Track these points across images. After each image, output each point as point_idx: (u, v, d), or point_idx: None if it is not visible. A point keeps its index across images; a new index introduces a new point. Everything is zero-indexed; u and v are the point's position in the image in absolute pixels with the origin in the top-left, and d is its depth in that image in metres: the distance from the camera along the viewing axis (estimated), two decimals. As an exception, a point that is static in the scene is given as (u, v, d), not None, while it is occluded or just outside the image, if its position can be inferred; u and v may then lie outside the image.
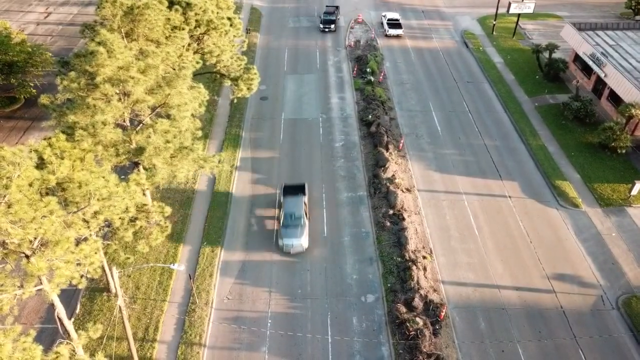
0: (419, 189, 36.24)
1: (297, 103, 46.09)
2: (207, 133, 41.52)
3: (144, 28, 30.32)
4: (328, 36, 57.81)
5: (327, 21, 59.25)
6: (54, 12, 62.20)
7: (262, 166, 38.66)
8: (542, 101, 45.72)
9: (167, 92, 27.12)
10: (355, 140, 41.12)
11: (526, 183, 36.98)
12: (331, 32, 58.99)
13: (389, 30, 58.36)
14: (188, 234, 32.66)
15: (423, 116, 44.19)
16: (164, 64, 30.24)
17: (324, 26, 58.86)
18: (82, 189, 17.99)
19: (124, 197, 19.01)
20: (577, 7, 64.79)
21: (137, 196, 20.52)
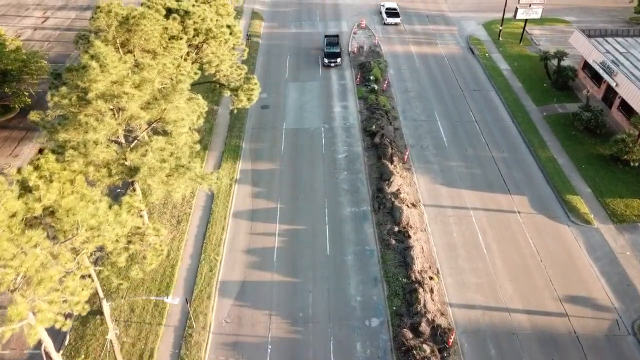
0: (424, 204, 35.03)
1: (299, 112, 44.91)
2: (206, 144, 40.36)
3: (140, 39, 29.18)
4: (330, 42, 56.64)
5: (331, 54, 51.96)
6: (52, 17, 61.12)
7: (262, 179, 37.48)
8: (550, 110, 44.46)
9: (163, 106, 25.96)
10: (358, 152, 39.92)
11: (535, 197, 35.74)
12: (337, 66, 51.79)
13: (387, 19, 61.40)
14: (185, 251, 31.50)
15: (428, 126, 42.97)
16: (160, 76, 29.15)
17: (329, 60, 51.53)
18: (69, 217, 16.87)
19: (114, 227, 17.85)
20: (585, 12, 63.46)
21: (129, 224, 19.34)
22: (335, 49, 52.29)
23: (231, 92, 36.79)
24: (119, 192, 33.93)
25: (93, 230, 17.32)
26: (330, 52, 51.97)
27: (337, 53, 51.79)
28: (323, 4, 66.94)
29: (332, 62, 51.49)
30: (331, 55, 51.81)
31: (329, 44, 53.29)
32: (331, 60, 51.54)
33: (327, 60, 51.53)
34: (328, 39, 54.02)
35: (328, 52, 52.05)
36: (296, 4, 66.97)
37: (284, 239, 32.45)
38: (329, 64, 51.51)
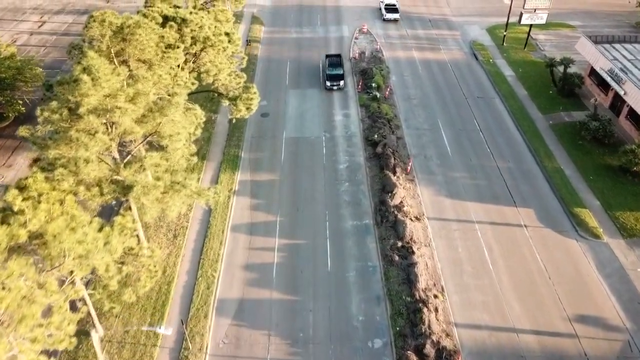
0: (428, 217, 34.03)
1: (299, 120, 43.94)
2: (204, 154, 39.40)
3: (135, 49, 28.23)
4: (331, 49, 55.44)
5: (334, 77, 47.72)
6: (49, 21, 60.20)
7: (262, 190, 36.51)
8: (556, 119, 43.46)
9: (158, 120, 25.04)
10: (360, 162, 38.94)
11: (542, 210, 34.73)
12: (340, 89, 47.80)
13: (386, 15, 62.11)
14: (182, 267, 30.54)
15: (431, 135, 41.97)
16: (156, 88, 28.22)
17: (331, 83, 47.35)
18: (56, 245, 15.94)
19: (103, 256, 16.90)
20: (590, 16, 62.42)
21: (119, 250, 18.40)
22: (337, 71, 48.39)
23: (230, 102, 35.83)
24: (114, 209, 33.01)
25: (81, 258, 16.37)
26: (332, 75, 48.17)
27: (339, 75, 48.03)
28: (324, 8, 65.90)
29: (335, 85, 47.54)
30: (333, 77, 47.91)
31: (330, 65, 49.19)
32: (333, 84, 47.53)
33: (330, 83, 47.56)
34: (330, 59, 50.00)
35: (330, 74, 48.27)
36: (297, 8, 65.95)
37: (284, 254, 31.49)
38: (331, 87, 47.61)
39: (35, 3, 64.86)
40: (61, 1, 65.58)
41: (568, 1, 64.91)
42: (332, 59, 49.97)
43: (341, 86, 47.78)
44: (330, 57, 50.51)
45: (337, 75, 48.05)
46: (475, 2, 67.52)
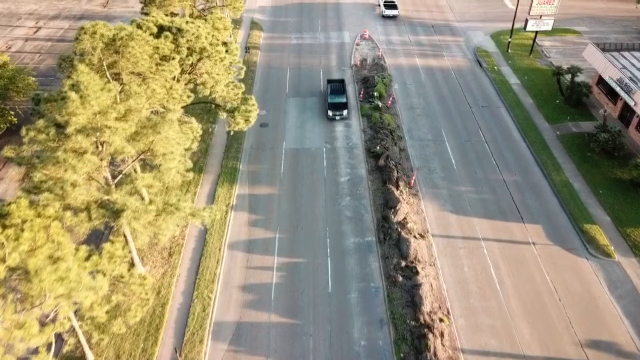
0: (433, 234, 32.84)
1: (300, 130, 42.76)
2: (201, 166, 38.24)
3: (128, 62, 27.07)
4: (332, 55, 54.34)
5: (337, 105, 43.40)
6: (44, 27, 59.08)
7: (260, 204, 35.34)
8: (564, 129, 42.25)
9: (151, 138, 23.92)
10: (362, 175, 37.76)
11: (551, 226, 33.54)
12: (343, 119, 43.74)
13: (385, 11, 63.12)
14: (177, 288, 29.37)
15: (435, 146, 40.78)
16: (149, 103, 27.09)
17: (334, 113, 43.12)
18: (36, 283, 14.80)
19: (86, 295, 15.75)
20: (597, 22, 61.19)
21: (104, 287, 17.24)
22: (341, 98, 44.03)
23: (227, 114, 34.67)
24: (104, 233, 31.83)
25: (63, 297, 15.23)
26: (335, 103, 43.69)
27: (343, 104, 43.56)
28: (325, 13, 64.74)
29: (338, 114, 43.28)
30: (336, 106, 43.49)
31: (333, 92, 44.72)
32: (336, 113, 43.25)
33: (332, 112, 43.30)
34: (332, 85, 45.48)
35: (332, 102, 43.75)
36: (297, 13, 64.78)
37: (283, 273, 30.31)
38: (334, 116, 43.38)
39: (30, 8, 63.78)
40: (57, 6, 64.48)
41: (573, 6, 63.69)
42: (335, 85, 45.67)
43: (345, 116, 43.59)
44: (333, 82, 46.31)
45: (340, 104, 43.79)
46: (478, 7, 66.35)
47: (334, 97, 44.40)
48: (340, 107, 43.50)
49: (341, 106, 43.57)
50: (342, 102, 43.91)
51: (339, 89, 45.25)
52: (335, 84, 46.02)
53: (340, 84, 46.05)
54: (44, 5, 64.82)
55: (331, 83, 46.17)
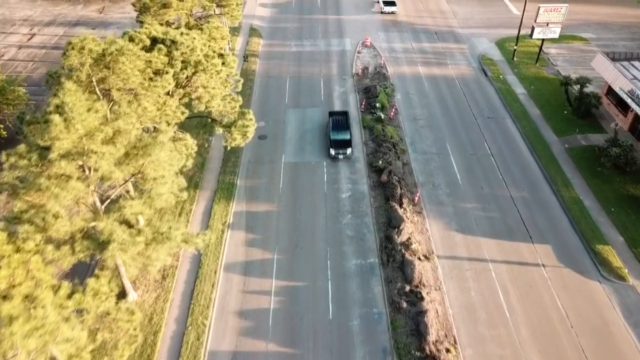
0: (438, 255, 31.45)
1: (300, 143, 41.39)
2: (197, 182, 36.89)
3: (118, 78, 25.74)
4: (333, 64, 52.96)
5: (340, 143, 39.07)
6: (38, 34, 57.78)
7: (258, 222, 33.97)
8: (573, 142, 40.84)
9: (141, 161, 22.57)
10: (364, 191, 36.38)
11: (561, 247, 32.14)
12: (347, 158, 39.13)
13: (384, 8, 64.38)
14: (170, 314, 27.97)
15: (440, 160, 39.38)
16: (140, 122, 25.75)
17: (336, 151, 38.72)
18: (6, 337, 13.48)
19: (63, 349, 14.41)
20: (604, 28, 59.78)
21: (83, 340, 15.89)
22: (344, 135, 39.69)
23: (224, 129, 33.32)
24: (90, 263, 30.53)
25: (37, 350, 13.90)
26: (338, 140, 39.28)
27: (347, 141, 39.29)
28: (325, 19, 63.38)
29: (341, 153, 38.77)
30: (339, 144, 39.06)
31: (335, 127, 40.28)
32: (339, 152, 38.72)
33: (334, 151, 38.76)
34: (334, 119, 41.17)
35: (335, 139, 39.39)
36: (297, 19, 63.44)
37: (281, 298, 28.93)
38: (337, 155, 38.84)
39: (25, 14, 62.50)
40: (52, 12, 63.20)
41: (579, 11, 62.22)
42: (337, 119, 41.28)
43: (349, 154, 39.05)
44: (335, 115, 41.90)
45: (343, 142, 39.27)
46: (482, 13, 64.95)
47: (336, 133, 39.92)
48: (343, 145, 39.21)
49: (345, 144, 39.33)
50: (345, 140, 39.55)
51: (342, 124, 40.83)
52: (338, 117, 41.73)
53: (343, 117, 41.72)
54: (39, 11, 63.54)
55: (333, 116, 41.93)
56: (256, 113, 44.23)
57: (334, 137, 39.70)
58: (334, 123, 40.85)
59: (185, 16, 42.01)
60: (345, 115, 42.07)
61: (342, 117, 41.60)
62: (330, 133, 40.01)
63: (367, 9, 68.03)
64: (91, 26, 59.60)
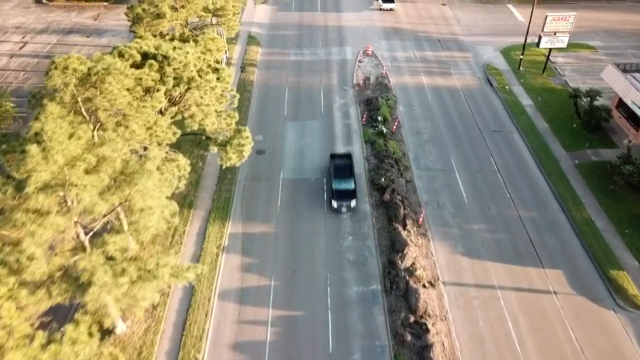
0: (444, 282, 29.87)
1: (298, 158, 39.83)
2: (191, 200, 35.33)
3: (104, 99, 24.21)
4: (334, 74, 51.30)
5: (343, 193, 34.27)
6: (31, 42, 56.26)
7: (254, 245, 32.41)
8: (582, 158, 39.24)
9: (127, 191, 21.06)
10: (365, 210, 34.80)
11: (573, 272, 30.55)
12: (350, 210, 34.38)
13: (382, 5, 65.94)
14: (161, 347, 26.36)
15: (445, 177, 37.79)
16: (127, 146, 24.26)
17: (339, 203, 33.93)
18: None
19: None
20: (611, 36, 58.17)
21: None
22: (348, 184, 34.67)
23: (218, 148, 31.78)
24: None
25: None
26: (340, 191, 34.45)
27: (351, 192, 34.42)
28: (325, 26, 61.74)
29: (344, 205, 33.98)
30: (343, 194, 34.26)
31: (338, 173, 35.39)
32: (342, 203, 33.95)
33: (337, 202, 33.95)
34: (336, 164, 36.22)
35: (338, 189, 34.50)
36: (296, 26, 61.84)
37: (278, 329, 27.36)
38: (339, 208, 34.07)
39: (18, 21, 60.97)
40: (46, 19, 61.67)
41: (586, 18, 60.54)
42: (339, 163, 36.42)
43: (352, 206, 34.25)
44: (337, 158, 37.09)
45: (347, 192, 34.45)
46: (487, 20, 63.33)
47: (339, 181, 34.95)
48: (347, 196, 34.20)
49: (348, 194, 34.31)
50: (349, 190, 34.56)
51: (346, 170, 35.81)
52: (341, 161, 36.75)
53: (346, 161, 36.78)
54: (32, 18, 62.04)
55: (335, 159, 37.02)
56: (254, 126, 43.25)
57: (336, 187, 34.68)
58: (335, 167, 36.03)
59: (180, 27, 40.50)
60: (348, 158, 37.24)
61: (345, 162, 36.74)
62: (333, 181, 35.08)
63: (366, 5, 68.88)
64: (85, 34, 58.09)
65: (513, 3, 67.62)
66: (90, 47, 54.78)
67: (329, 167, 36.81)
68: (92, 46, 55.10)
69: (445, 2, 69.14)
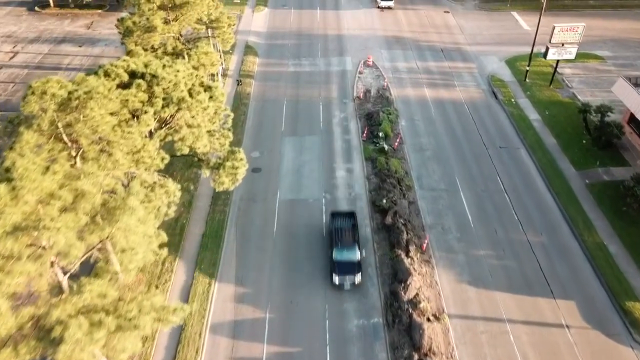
0: (449, 314, 28.14)
1: (296, 177, 38.13)
2: (183, 223, 33.62)
3: (85, 126, 22.54)
4: (333, 85, 49.58)
5: (345, 266, 29.10)
6: (22, 52, 54.65)
7: (249, 274, 30.63)
8: (593, 177, 37.53)
9: (107, 230, 19.39)
10: (366, 235, 33.09)
11: (586, 303, 28.81)
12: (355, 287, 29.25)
13: (380, 2, 67.20)
14: (147, 389, 24.87)
15: (449, 198, 36.09)
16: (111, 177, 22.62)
17: (341, 278, 28.85)
18: None
19: None
20: (620, 45, 56.45)
21: None
22: (351, 254, 29.32)
23: (210, 171, 30.10)
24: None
25: None
26: (343, 263, 29.17)
27: (355, 264, 29.17)
28: (325, 35, 60.02)
29: (347, 280, 28.92)
30: (345, 267, 29.08)
31: (339, 239, 30.07)
32: (345, 278, 28.87)
33: (339, 277, 28.87)
34: (337, 226, 30.99)
35: (340, 261, 29.22)
36: (295, 36, 60.12)
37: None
38: (341, 283, 28.92)
39: (9, 30, 59.35)
40: (38, 28, 60.05)
41: (594, 27, 58.65)
42: (342, 227, 30.77)
43: (357, 282, 29.05)
44: (339, 219, 31.70)
45: (350, 265, 29.17)
46: (491, 28, 61.63)
47: (340, 251, 29.49)
48: (350, 269, 29.03)
49: (352, 267, 29.11)
50: (353, 262, 29.16)
51: (349, 235, 30.38)
52: (343, 222, 31.38)
53: (349, 222, 31.38)
54: (24, 26, 60.42)
55: (336, 220, 31.66)
56: (250, 142, 41.64)
57: (338, 258, 29.27)
58: (337, 233, 30.50)
59: (173, 40, 38.82)
60: (352, 218, 31.82)
61: (349, 223, 31.31)
62: (334, 251, 29.63)
63: (365, 3, 70.21)
64: (78, 43, 56.45)
65: (517, 11, 65.94)
66: (83, 57, 53.19)
67: (330, 229, 31.60)
68: (85, 56, 53.49)
69: (448, 9, 67.55)
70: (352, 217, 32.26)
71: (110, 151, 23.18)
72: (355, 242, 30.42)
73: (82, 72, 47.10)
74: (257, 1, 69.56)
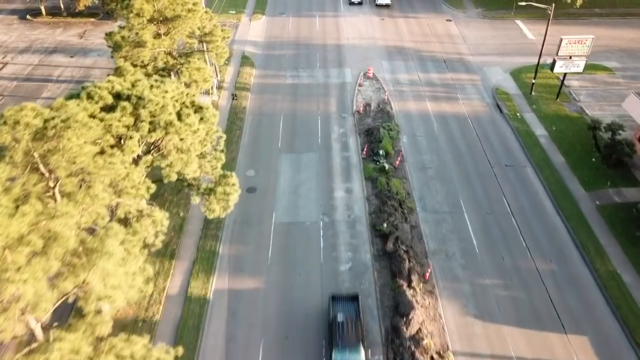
0: (454, 351, 26.42)
1: (293, 197, 36.45)
2: (173, 249, 31.97)
3: (62, 158, 20.89)
4: (332, 99, 47.87)
5: None
6: (11, 62, 53.03)
7: (242, 304, 28.97)
8: (604, 198, 35.84)
9: (82, 277, 17.75)
10: (366, 262, 31.43)
11: (600, 339, 27.08)
12: None
13: (378, 0, 68.97)
14: None
15: (453, 221, 34.38)
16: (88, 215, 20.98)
17: None
18: None
19: None
20: (628, 56, 54.74)
21: None
22: (354, 354, 24.51)
23: (201, 197, 28.44)
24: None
25: None
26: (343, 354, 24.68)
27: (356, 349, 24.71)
28: (324, 45, 58.34)
29: None
30: None
31: (341, 334, 25.05)
32: None
33: None
34: (337, 306, 26.83)
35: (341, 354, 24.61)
36: (293, 45, 58.41)
37: (267, 412, 24.07)
38: None
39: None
40: (29, 37, 58.44)
41: (601, 36, 56.88)
42: (344, 320, 25.72)
43: None
44: (340, 303, 27.11)
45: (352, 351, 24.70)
46: (494, 38, 59.93)
47: (342, 350, 24.60)
48: None
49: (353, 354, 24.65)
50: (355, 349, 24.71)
51: (352, 328, 25.27)
52: (344, 307, 26.73)
53: (352, 307, 26.74)
54: (15, 35, 58.83)
55: (337, 304, 27.02)
56: (245, 159, 40.02)
57: (338, 358, 24.56)
58: (338, 328, 25.33)
59: (164, 54, 37.15)
60: (354, 303, 27.05)
61: (351, 310, 26.56)
62: (334, 351, 24.68)
63: (365, 10, 69.57)
64: (69, 53, 54.82)
65: (521, 19, 64.27)
66: (74, 69, 51.52)
67: (329, 318, 26.67)
68: (76, 67, 51.84)
69: (450, 17, 65.91)
70: (355, 301, 27.20)
71: (90, 183, 21.58)
72: (360, 339, 25.04)
73: (72, 84, 46.38)
74: (254, 9, 68.07)
